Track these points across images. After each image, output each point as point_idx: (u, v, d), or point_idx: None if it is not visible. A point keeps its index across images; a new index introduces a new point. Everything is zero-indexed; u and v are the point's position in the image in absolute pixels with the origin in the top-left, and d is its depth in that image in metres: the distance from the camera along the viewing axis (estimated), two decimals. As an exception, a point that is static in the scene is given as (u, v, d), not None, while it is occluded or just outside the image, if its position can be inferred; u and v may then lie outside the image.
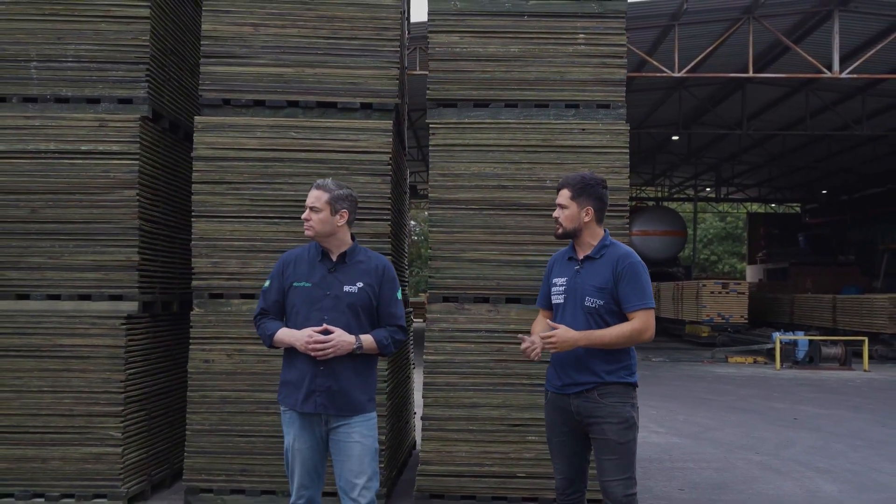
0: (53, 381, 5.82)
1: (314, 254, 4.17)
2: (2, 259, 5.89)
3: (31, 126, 5.92)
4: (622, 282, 4.05)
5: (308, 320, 4.02)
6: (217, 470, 5.91)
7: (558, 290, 4.20)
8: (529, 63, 6.10)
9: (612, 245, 4.18)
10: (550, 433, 4.27)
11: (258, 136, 6.00)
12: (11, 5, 5.96)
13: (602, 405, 4.03)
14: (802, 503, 6.42)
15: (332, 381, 3.98)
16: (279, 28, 6.06)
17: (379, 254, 4.26)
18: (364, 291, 4.07)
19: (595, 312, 4.07)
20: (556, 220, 4.22)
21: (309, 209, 4.07)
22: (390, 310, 4.16)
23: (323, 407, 3.98)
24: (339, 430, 4.03)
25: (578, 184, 4.18)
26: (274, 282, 4.18)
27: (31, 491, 5.80)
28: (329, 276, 4.09)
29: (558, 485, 4.27)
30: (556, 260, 4.36)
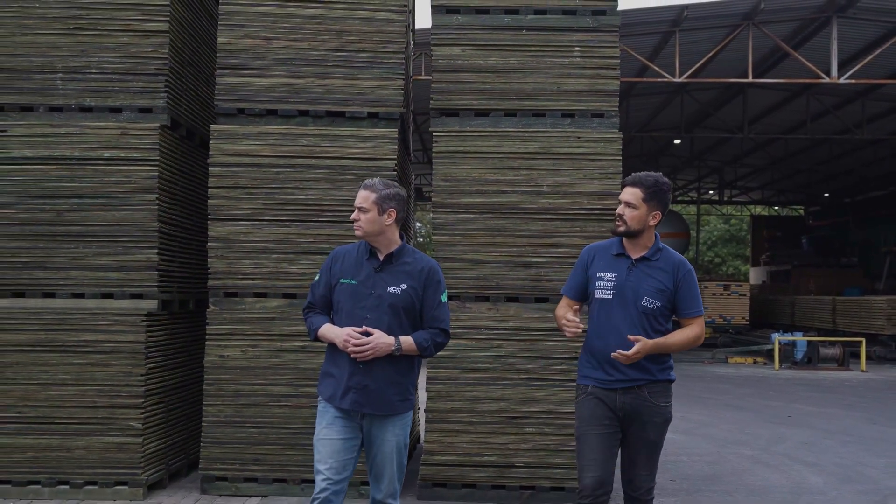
0: (77, 374, 6.16)
1: (363, 252, 4.20)
2: (29, 259, 6.23)
3: (56, 134, 6.27)
4: (682, 288, 4.12)
5: (351, 317, 4.06)
6: (231, 459, 6.25)
7: (606, 284, 4.16)
8: (527, 74, 6.44)
9: (665, 249, 4.22)
10: (587, 427, 4.16)
11: (271, 144, 6.34)
12: (39, 20, 6.31)
13: (650, 405, 4.09)
14: (787, 493, 6.74)
15: (368, 380, 4.02)
16: (290, 41, 6.40)
17: (427, 256, 4.30)
18: (407, 293, 4.09)
19: (651, 313, 4.10)
20: (621, 217, 4.17)
21: (357, 209, 4.10)
22: (434, 312, 4.16)
23: (358, 405, 4.03)
24: (374, 426, 4.09)
25: (653, 187, 4.16)
26: (322, 276, 4.23)
27: (57, 478, 6.14)
28: (375, 275, 4.11)
29: (587, 483, 4.11)
30: (597, 253, 4.31)
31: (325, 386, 4.15)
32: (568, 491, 6.18)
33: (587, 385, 4.20)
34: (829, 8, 16.87)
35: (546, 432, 6.21)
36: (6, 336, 6.16)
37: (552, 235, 6.32)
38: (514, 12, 6.45)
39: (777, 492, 6.77)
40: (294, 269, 6.26)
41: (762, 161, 32.12)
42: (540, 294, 6.31)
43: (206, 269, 6.42)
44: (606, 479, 4.10)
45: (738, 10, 17.14)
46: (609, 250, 4.27)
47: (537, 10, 6.44)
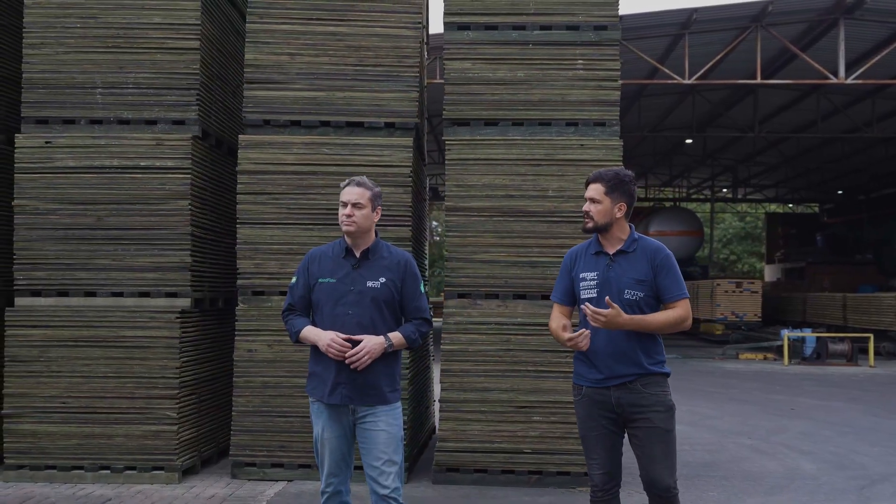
0: (117, 367, 6.64)
1: (338, 250, 4.27)
2: (72, 261, 6.72)
3: (96, 145, 6.76)
4: (661, 274, 4.12)
5: (333, 315, 4.14)
6: (259, 446, 6.72)
7: (588, 284, 4.19)
8: (534, 86, 6.87)
9: (642, 238, 4.24)
10: (586, 429, 4.23)
11: (295, 153, 6.81)
12: (80, 39, 6.80)
13: (646, 395, 4.08)
14: (781, 478, 7.15)
15: (356, 374, 4.08)
16: (312, 57, 6.87)
17: (401, 249, 4.42)
18: (387, 286, 4.18)
19: (635, 304, 4.11)
20: (587, 215, 4.21)
21: (352, 206, 4.18)
22: (415, 303, 4.27)
23: (349, 399, 4.10)
24: (366, 420, 4.15)
25: (612, 179, 4.19)
26: (300, 278, 4.30)
27: (99, 464, 6.63)
28: (353, 272, 4.19)
29: (597, 480, 4.21)
30: (578, 255, 4.34)
31: (312, 385, 4.22)
32: (573, 476, 6.62)
33: (581, 385, 4.23)
34: (837, 9, 17.18)
35: (552, 420, 6.64)
36: (52, 332, 6.65)
37: (557, 237, 6.75)
38: (521, 28, 6.89)
39: (771, 477, 7.18)
40: (317, 269, 6.72)
41: (775, 159, 32.37)
42: (546, 292, 6.72)
43: (234, 270, 6.90)
44: (614, 472, 4.18)
45: (746, 13, 17.48)
46: (588, 250, 4.30)
47: (543, 25, 6.88)
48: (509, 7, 6.91)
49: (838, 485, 6.95)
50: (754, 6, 17.02)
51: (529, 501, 6.24)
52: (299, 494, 6.30)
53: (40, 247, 6.71)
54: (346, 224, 4.20)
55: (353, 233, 4.22)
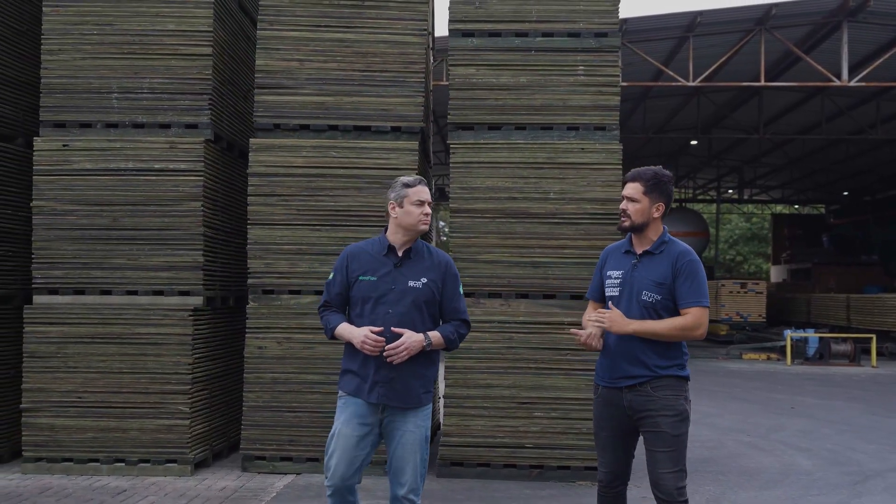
0: (132, 363, 6.85)
1: (379, 248, 4.24)
2: (89, 260, 6.94)
3: (112, 148, 6.98)
4: (680, 278, 4.06)
5: (373, 314, 4.12)
6: (269, 440, 6.93)
7: (613, 282, 4.20)
8: (536, 91, 7.07)
9: (671, 241, 4.19)
10: (598, 427, 4.26)
11: (304, 156, 7.02)
12: (96, 46, 7.02)
13: (655, 398, 4.05)
14: (776, 473, 7.33)
15: (394, 374, 4.08)
16: (321, 63, 7.07)
17: (441, 250, 4.40)
18: (428, 286, 4.16)
19: (651, 307, 4.08)
20: (624, 213, 4.18)
21: (428, 204, 4.25)
22: (454, 304, 4.26)
23: (385, 398, 4.09)
24: (396, 419, 4.14)
25: (652, 179, 4.16)
26: (337, 275, 4.27)
27: (114, 456, 6.85)
28: (395, 270, 4.17)
29: (602, 478, 4.25)
30: (611, 252, 4.36)
31: (346, 381, 4.20)
32: (574, 470, 6.81)
33: (598, 384, 4.26)
34: (840, 12, 17.32)
35: (553, 416, 6.83)
36: (68, 329, 6.87)
37: (559, 238, 6.95)
38: (524, 35, 7.09)
39: (767, 472, 7.36)
40: (325, 268, 6.92)
41: (780, 160, 32.47)
42: (547, 291, 6.94)
43: (245, 269, 7.12)
44: (620, 472, 4.21)
45: (750, 16, 17.64)
46: (620, 249, 4.30)
47: (545, 32, 7.08)
48: (512, 14, 7.10)
49: (832, 480, 7.13)
50: (758, 9, 17.19)
51: (531, 494, 6.43)
52: (308, 487, 6.51)
53: (58, 246, 6.93)
54: (425, 223, 4.22)
55: (426, 232, 4.29)
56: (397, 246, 4.24)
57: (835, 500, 6.47)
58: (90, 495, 6.21)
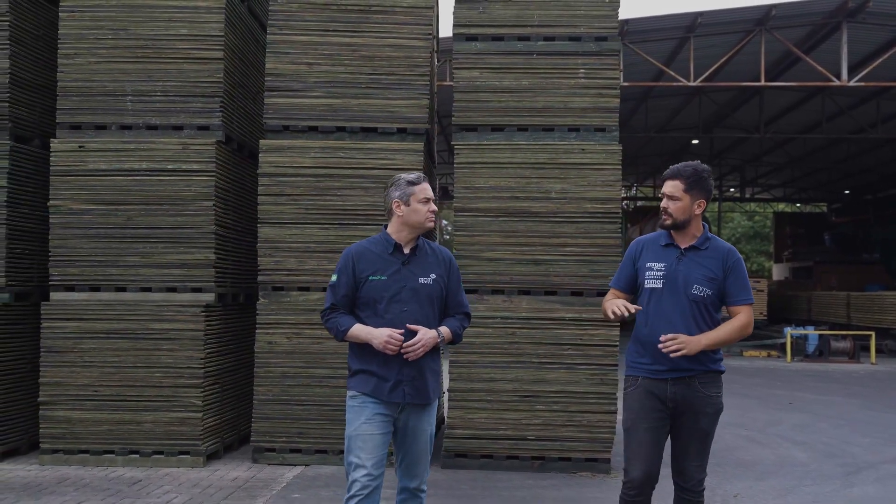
0: (146, 358, 7.07)
1: (384, 247, 4.23)
2: (104, 258, 7.16)
3: (127, 149, 7.19)
4: (731, 276, 4.10)
5: (388, 312, 4.11)
6: (279, 433, 7.15)
7: (655, 274, 4.15)
8: (538, 94, 7.28)
9: (714, 238, 4.21)
10: (638, 420, 4.13)
11: (312, 156, 7.23)
12: (111, 50, 7.23)
13: (701, 395, 4.08)
14: (771, 465, 7.54)
15: (416, 372, 4.11)
16: (329, 66, 7.28)
17: (441, 245, 4.46)
18: (437, 282, 4.20)
19: (701, 301, 4.08)
20: (665, 211, 4.17)
21: (433, 202, 4.27)
22: (458, 298, 4.32)
23: (410, 396, 4.10)
24: (412, 416, 4.16)
25: (692, 176, 4.14)
26: (342, 276, 4.21)
27: (129, 448, 7.06)
28: (403, 268, 4.17)
29: (634, 476, 4.09)
30: (646, 245, 4.29)
31: (363, 381, 4.15)
32: (574, 461, 7.02)
33: (637, 376, 4.18)
34: (840, 13, 17.49)
35: (554, 409, 7.04)
36: (85, 325, 7.08)
37: (560, 236, 7.15)
38: (526, 39, 7.30)
39: (763, 464, 7.57)
40: (333, 266, 7.00)
41: (782, 159, 32.64)
42: (549, 288, 7.15)
43: (255, 266, 7.33)
44: (654, 472, 4.11)
45: (750, 17, 17.82)
46: (657, 241, 4.26)
47: (546, 37, 7.29)
48: (515, 19, 7.31)
49: (825, 471, 7.34)
50: (758, 10, 17.37)
51: (533, 485, 6.64)
52: (316, 477, 6.72)
53: (74, 245, 7.14)
54: (431, 221, 4.24)
55: (431, 229, 4.30)
56: (403, 244, 4.23)
57: (827, 489, 6.68)
58: (107, 485, 6.43)
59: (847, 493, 6.60)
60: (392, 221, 4.27)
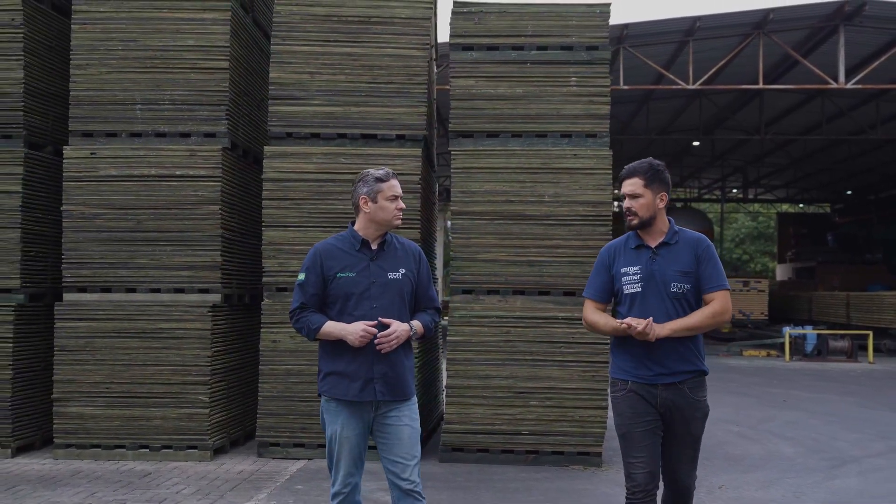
0: (155, 356, 7.36)
1: (350, 243, 4.17)
2: (115, 260, 7.45)
3: (136, 156, 7.48)
4: (702, 264, 4.04)
5: (357, 309, 4.04)
6: (282, 428, 7.43)
7: (632, 278, 4.09)
8: (531, 101, 7.56)
9: (682, 231, 4.17)
10: (632, 424, 4.08)
11: (314, 162, 7.51)
12: (121, 61, 7.53)
13: (691, 400, 4.04)
14: (759, 459, 7.79)
15: (388, 368, 4.03)
16: (330, 75, 7.57)
17: (407, 239, 4.41)
18: (407, 277, 4.15)
19: (682, 297, 4.04)
20: (629, 211, 4.12)
21: (400, 199, 4.20)
22: (429, 293, 4.27)
23: (381, 394, 4.02)
24: (390, 415, 4.08)
25: (649, 171, 4.11)
26: (310, 275, 4.14)
27: (139, 443, 7.36)
28: (372, 264, 4.11)
29: (639, 479, 4.04)
30: (616, 250, 4.23)
31: (333, 384, 4.08)
32: (567, 455, 7.29)
33: (626, 381, 4.11)
34: (837, 16, 17.69)
35: (547, 405, 7.31)
36: (96, 324, 7.38)
37: (553, 238, 7.43)
38: (520, 48, 7.58)
39: (750, 459, 7.83)
40: (334, 267, 7.41)
41: (783, 160, 32.82)
42: (542, 288, 7.42)
43: (259, 268, 7.61)
44: (656, 472, 4.08)
45: (748, 20, 18.03)
46: (627, 245, 4.20)
47: (539, 46, 7.56)
48: (509, 29, 7.59)
49: (810, 465, 7.60)
50: (756, 14, 17.59)
51: (527, 477, 6.91)
52: (319, 470, 7.00)
53: (86, 247, 7.44)
54: (398, 219, 4.19)
55: (398, 227, 4.23)
56: (370, 240, 4.18)
57: (809, 481, 6.94)
58: (118, 477, 6.72)
59: (828, 484, 6.86)
60: (359, 218, 4.21)
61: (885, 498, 6.48)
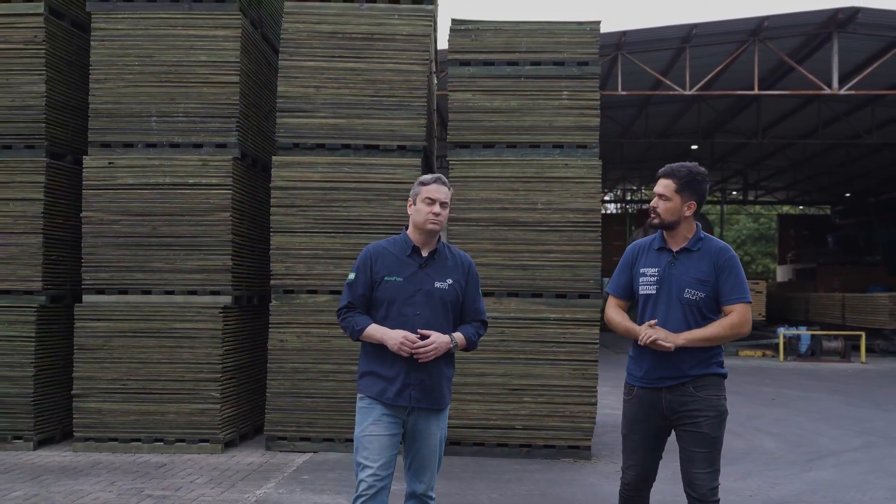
0: (169, 354, 7.78)
1: (402, 248, 4.17)
2: (131, 264, 7.88)
3: (152, 165, 7.92)
4: (723, 274, 4.00)
5: (401, 315, 4.05)
6: (289, 422, 7.86)
7: (649, 280, 4.09)
8: (525, 114, 7.98)
9: (707, 238, 4.13)
10: (630, 429, 4.14)
11: (320, 171, 7.94)
12: (137, 75, 7.96)
13: (698, 398, 4.00)
14: (741, 453, 8.21)
15: (425, 376, 4.04)
16: (335, 89, 8.00)
17: (462, 251, 4.39)
18: (454, 287, 4.13)
19: (694, 305, 4.00)
20: (654, 211, 4.10)
21: (440, 204, 4.14)
22: (476, 305, 4.25)
23: (416, 401, 4.04)
24: (421, 421, 4.10)
25: (686, 177, 4.06)
26: (360, 275, 4.16)
27: (154, 436, 7.78)
28: (420, 271, 4.11)
29: (629, 480, 4.13)
30: (640, 249, 4.22)
31: (370, 384, 4.12)
32: (558, 448, 7.72)
33: (633, 386, 4.15)
34: (830, 24, 18.08)
35: (540, 401, 7.73)
36: (114, 325, 7.81)
37: (545, 244, 7.85)
38: (515, 64, 8.00)
39: (733, 452, 8.23)
40: (339, 270, 7.83)
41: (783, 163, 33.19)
42: (535, 291, 7.85)
43: (268, 271, 8.04)
44: (649, 474, 4.13)
45: (743, 28, 18.43)
46: (652, 245, 4.19)
47: (533, 62, 7.99)
48: (504, 46, 8.02)
49: (790, 458, 8.01)
50: (751, 21, 17.99)
51: (520, 469, 7.33)
52: (323, 462, 7.43)
53: (104, 252, 7.88)
54: (434, 223, 4.13)
55: (437, 232, 4.18)
56: (420, 246, 4.19)
57: (785, 473, 7.35)
58: (135, 468, 7.16)
59: (804, 476, 7.27)
60: (410, 222, 4.26)
61: (855, 488, 6.89)
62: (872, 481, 7.14)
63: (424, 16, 8.02)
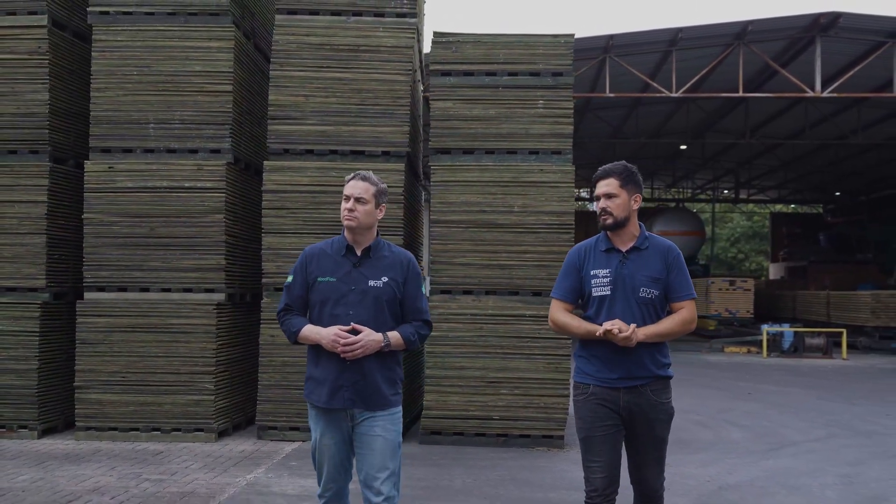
0: (166, 348, 8.23)
1: (338, 248, 4.08)
2: (130, 263, 8.33)
3: (150, 169, 8.36)
4: (672, 272, 4.04)
5: (334, 315, 3.96)
6: (280, 413, 8.31)
7: (601, 281, 4.06)
8: (503, 122, 8.43)
9: (652, 236, 4.17)
10: (591, 429, 4.07)
11: (309, 175, 8.38)
12: (136, 84, 8.41)
13: (654, 402, 4.03)
14: (707, 443, 8.67)
15: (358, 376, 3.93)
16: (323, 98, 8.44)
17: (403, 248, 4.27)
18: (389, 285, 4.01)
19: (650, 303, 4.03)
20: (605, 211, 4.07)
21: (354, 199, 3.98)
22: (416, 304, 4.10)
23: (350, 402, 3.93)
24: (363, 424, 3.98)
25: (624, 171, 4.09)
26: (297, 277, 4.10)
27: (151, 426, 8.23)
28: (354, 270, 4.01)
29: (597, 484, 4.02)
30: (586, 252, 4.18)
31: (309, 389, 4.05)
32: (533, 438, 8.17)
33: (588, 384, 4.09)
34: (813, 28, 18.52)
35: (516, 393, 8.18)
36: (113, 320, 8.26)
37: (521, 244, 8.30)
38: (493, 74, 8.46)
39: (699, 443, 8.70)
40: (326, 270, 8.27)
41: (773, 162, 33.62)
42: (512, 289, 8.30)
43: (259, 270, 8.49)
44: (615, 477, 4.06)
45: (728, 31, 18.85)
46: (597, 247, 4.16)
47: (510, 72, 8.44)
48: (483, 57, 8.47)
49: (752, 447, 8.47)
50: (735, 25, 18.41)
51: (496, 457, 7.78)
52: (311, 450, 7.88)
53: (104, 251, 8.32)
54: (348, 219, 4.01)
55: (353, 228, 4.03)
56: (354, 245, 4.09)
57: (745, 461, 7.81)
58: (134, 455, 7.61)
59: (762, 464, 7.73)
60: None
61: (808, 474, 7.35)
62: (825, 468, 7.59)
63: (408, 28, 8.47)
